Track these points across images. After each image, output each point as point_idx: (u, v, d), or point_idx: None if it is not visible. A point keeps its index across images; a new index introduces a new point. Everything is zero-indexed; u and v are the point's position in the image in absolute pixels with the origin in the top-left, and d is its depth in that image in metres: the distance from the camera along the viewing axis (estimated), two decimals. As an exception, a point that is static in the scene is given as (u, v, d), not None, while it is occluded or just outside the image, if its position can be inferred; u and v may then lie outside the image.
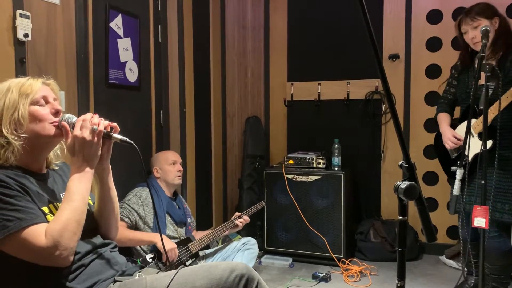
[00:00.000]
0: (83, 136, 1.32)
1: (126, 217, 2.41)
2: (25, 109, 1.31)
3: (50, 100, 1.39)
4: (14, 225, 1.18)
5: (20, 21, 1.93)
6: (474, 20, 2.43)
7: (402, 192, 1.02)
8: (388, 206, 3.72)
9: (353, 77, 3.75)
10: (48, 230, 1.21)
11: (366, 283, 3.00)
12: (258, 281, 1.36)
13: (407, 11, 3.60)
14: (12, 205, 1.20)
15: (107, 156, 1.44)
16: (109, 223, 1.52)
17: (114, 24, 2.64)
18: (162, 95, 3.13)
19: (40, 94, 1.36)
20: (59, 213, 1.26)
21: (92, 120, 1.35)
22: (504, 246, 2.46)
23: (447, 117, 2.72)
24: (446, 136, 2.60)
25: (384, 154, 3.71)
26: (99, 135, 1.34)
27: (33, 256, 1.21)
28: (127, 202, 2.46)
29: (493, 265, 2.48)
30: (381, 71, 0.99)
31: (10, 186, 1.22)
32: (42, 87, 1.38)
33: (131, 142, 1.37)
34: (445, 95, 2.77)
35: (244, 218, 2.67)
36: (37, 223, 1.22)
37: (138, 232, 2.41)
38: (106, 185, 1.47)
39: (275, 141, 4.10)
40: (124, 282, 1.36)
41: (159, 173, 2.67)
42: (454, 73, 2.71)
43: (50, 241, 1.19)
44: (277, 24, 4.03)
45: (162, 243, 1.61)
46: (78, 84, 2.33)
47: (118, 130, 1.41)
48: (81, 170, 1.33)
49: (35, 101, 1.34)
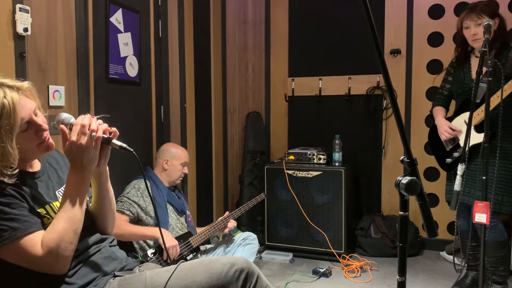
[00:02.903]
0: (81, 143, 1.26)
1: (127, 210, 2.41)
2: (13, 147, 1.20)
3: (33, 119, 1.27)
4: (8, 235, 1.17)
5: (19, 15, 1.92)
6: (479, 17, 2.45)
7: (403, 188, 1.01)
8: (389, 201, 3.71)
9: (354, 72, 3.74)
10: (45, 240, 1.20)
11: (367, 279, 3.01)
12: (258, 276, 1.37)
13: (409, 6, 3.58)
14: (6, 214, 1.18)
15: (105, 161, 1.38)
16: (106, 220, 1.51)
17: (115, 19, 2.63)
18: (162, 90, 3.13)
19: (24, 120, 1.24)
20: (55, 222, 1.24)
21: (91, 126, 1.27)
22: (500, 237, 2.49)
23: (443, 110, 2.78)
24: (442, 127, 2.65)
25: (385, 149, 3.70)
26: (97, 142, 1.28)
27: (29, 265, 1.21)
28: (127, 195, 2.46)
29: (490, 257, 2.50)
30: (383, 66, 0.99)
31: (4, 193, 1.20)
32: (22, 105, 1.23)
33: (130, 150, 1.31)
34: (441, 90, 2.83)
35: (231, 222, 2.66)
36: (32, 231, 1.20)
37: (140, 227, 2.41)
38: (104, 187, 1.45)
39: (275, 137, 4.09)
40: (124, 277, 1.36)
41: (167, 166, 2.66)
42: (449, 70, 2.77)
43: (46, 251, 1.19)
44: (278, 19, 4.01)
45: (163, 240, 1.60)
46: (78, 79, 2.32)
47: (117, 134, 1.35)
48: (79, 176, 1.28)
49: (20, 130, 1.23)
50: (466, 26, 2.52)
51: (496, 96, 2.32)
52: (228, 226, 2.64)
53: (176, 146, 2.81)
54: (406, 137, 1.05)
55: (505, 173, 2.44)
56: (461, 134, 2.60)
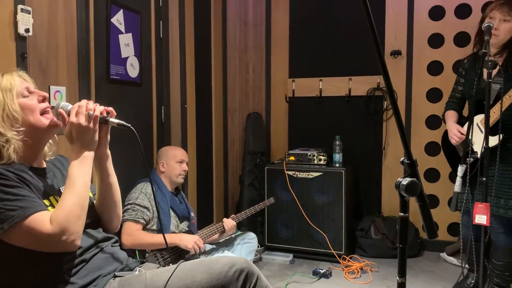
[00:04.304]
0: (79, 122, 1.31)
1: (141, 218, 2.40)
2: (15, 103, 1.31)
3: (32, 90, 1.38)
4: (18, 214, 1.18)
5: (21, 16, 1.92)
6: (510, 14, 2.38)
7: (404, 189, 1.02)
8: (389, 202, 3.72)
9: (354, 73, 3.74)
10: (53, 216, 1.21)
11: (367, 280, 3.01)
12: (258, 276, 1.37)
13: (409, 7, 3.58)
14: (14, 195, 1.20)
15: (105, 141, 1.43)
16: (111, 211, 1.51)
17: (116, 20, 2.64)
18: (163, 91, 3.13)
19: (22, 86, 1.35)
20: (62, 200, 1.26)
21: (88, 106, 1.33)
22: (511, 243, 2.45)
23: (454, 114, 2.70)
24: (452, 131, 2.60)
25: (385, 150, 3.71)
26: (95, 120, 1.33)
27: (40, 243, 1.21)
28: (136, 202, 2.44)
29: (499, 261, 2.48)
30: (383, 68, 0.99)
31: (10, 178, 1.23)
32: (20, 80, 1.37)
33: (128, 125, 1.36)
34: (454, 93, 2.76)
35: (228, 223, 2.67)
36: (41, 210, 1.22)
37: (156, 235, 2.41)
38: (106, 171, 1.46)
39: (276, 138, 4.09)
40: (124, 278, 1.36)
41: (164, 168, 2.66)
42: (461, 71, 2.70)
43: (56, 227, 1.19)
44: (278, 20, 4.02)
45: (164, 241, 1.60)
46: (79, 80, 2.33)
47: (115, 114, 1.40)
48: (81, 156, 1.32)
49: (20, 94, 1.33)
50: (492, 16, 2.42)
51: (507, 96, 2.26)
52: (228, 227, 2.63)
53: (169, 147, 2.82)
54: (406, 138, 1.05)
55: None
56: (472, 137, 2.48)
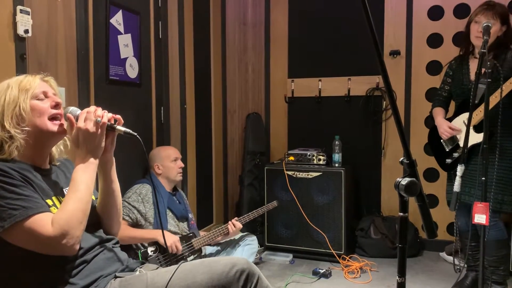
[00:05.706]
0: (86, 128, 1.33)
1: (127, 215, 2.41)
2: (26, 104, 1.32)
3: (49, 95, 1.40)
4: (20, 213, 1.18)
5: (20, 17, 1.92)
6: (493, 18, 2.42)
7: (403, 189, 1.02)
8: (388, 202, 3.72)
9: (353, 73, 3.74)
10: (55, 219, 1.21)
11: (367, 279, 3.01)
12: (258, 276, 1.37)
13: (408, 7, 3.59)
14: (17, 194, 1.21)
15: (111, 148, 1.45)
16: (111, 217, 1.52)
17: (115, 20, 2.64)
18: (162, 91, 3.13)
19: (40, 89, 1.37)
20: (65, 203, 1.27)
21: (96, 112, 1.35)
22: (501, 235, 2.50)
23: (442, 111, 2.79)
24: (442, 127, 2.66)
25: (385, 150, 3.71)
26: (102, 127, 1.35)
27: (39, 244, 1.21)
28: (127, 200, 2.46)
29: (490, 256, 2.50)
30: (382, 68, 0.99)
31: (14, 177, 1.23)
32: (41, 83, 1.40)
33: (134, 134, 1.38)
34: (440, 92, 2.83)
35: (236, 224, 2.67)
36: (43, 211, 1.23)
37: (139, 230, 2.41)
38: (109, 177, 1.48)
39: (275, 138, 4.09)
40: (125, 278, 1.36)
41: (160, 169, 2.66)
42: (448, 71, 2.78)
43: (57, 229, 1.20)
44: (277, 20, 4.02)
45: (164, 238, 1.61)
46: (78, 80, 2.33)
47: (122, 122, 1.43)
48: (86, 161, 1.34)
49: (35, 96, 1.35)
50: (477, 20, 2.48)
51: (494, 96, 2.34)
52: (232, 230, 2.63)
53: (160, 148, 2.81)
54: (405, 138, 1.05)
55: (505, 172, 2.45)
56: (460, 134, 2.61)
